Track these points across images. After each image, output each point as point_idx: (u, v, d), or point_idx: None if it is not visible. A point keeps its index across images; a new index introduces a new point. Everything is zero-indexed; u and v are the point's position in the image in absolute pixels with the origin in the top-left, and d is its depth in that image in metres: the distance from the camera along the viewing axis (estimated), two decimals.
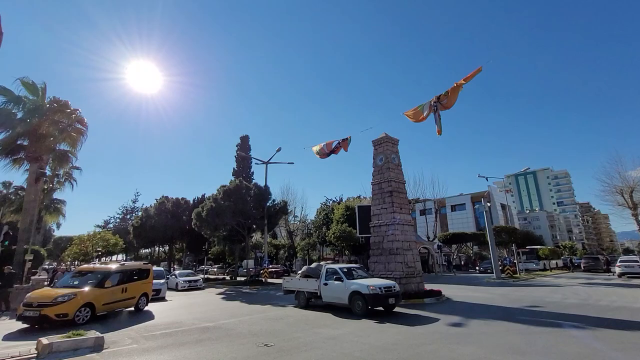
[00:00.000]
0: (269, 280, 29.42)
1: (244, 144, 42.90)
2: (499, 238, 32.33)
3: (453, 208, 61.29)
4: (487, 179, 34.93)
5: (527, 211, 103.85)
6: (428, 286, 17.06)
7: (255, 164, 37.26)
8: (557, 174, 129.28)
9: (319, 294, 12.78)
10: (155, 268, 24.43)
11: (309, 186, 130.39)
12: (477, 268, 40.22)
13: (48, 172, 30.03)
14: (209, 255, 52.06)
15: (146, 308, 13.97)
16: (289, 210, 44.47)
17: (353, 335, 8.37)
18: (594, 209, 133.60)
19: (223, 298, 18.27)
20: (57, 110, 19.92)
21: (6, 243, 16.12)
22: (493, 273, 27.31)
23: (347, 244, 35.34)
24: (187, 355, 6.93)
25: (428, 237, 42.28)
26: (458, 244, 46.31)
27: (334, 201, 47.96)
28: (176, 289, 23.43)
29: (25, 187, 23.23)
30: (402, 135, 19.77)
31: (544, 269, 36.00)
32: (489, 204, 30.03)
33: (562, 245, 64.41)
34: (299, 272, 14.99)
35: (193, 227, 31.07)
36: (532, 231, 62.34)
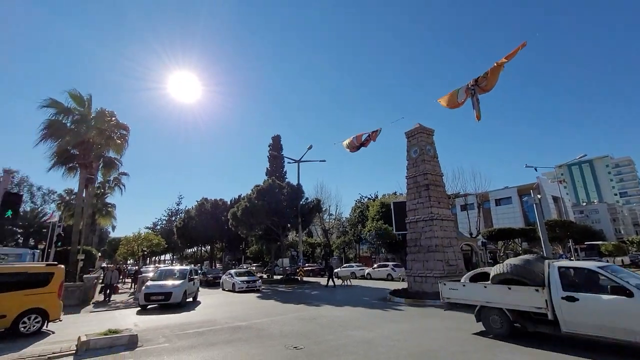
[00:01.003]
0: (305, 278, 29.35)
1: (276, 144, 43.35)
2: (552, 233, 29.55)
3: (497, 202, 57.21)
4: (535, 169, 31.96)
5: (584, 203, 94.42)
6: None
7: (288, 162, 37.43)
8: (618, 162, 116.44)
9: (550, 317, 6.71)
10: (177, 267, 21.92)
11: (343, 184, 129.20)
12: None
13: (100, 178, 32.47)
14: (247, 254, 53.53)
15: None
16: (323, 209, 44.27)
17: (389, 340, 7.74)
18: None
19: (258, 297, 18.34)
20: (102, 119, 21.27)
21: (59, 244, 17.50)
22: None
23: (383, 241, 34.33)
24: (214, 356, 6.77)
25: (471, 234, 39.81)
26: (505, 240, 43.15)
27: (368, 198, 46.94)
28: (233, 290, 21.36)
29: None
30: (437, 127, 18.57)
31: None
32: (539, 196, 27.46)
33: (628, 240, 57.60)
34: (486, 274, 8.61)
35: (230, 227, 31.91)
36: (591, 225, 56.41)
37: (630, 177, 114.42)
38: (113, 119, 21.24)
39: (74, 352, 7.17)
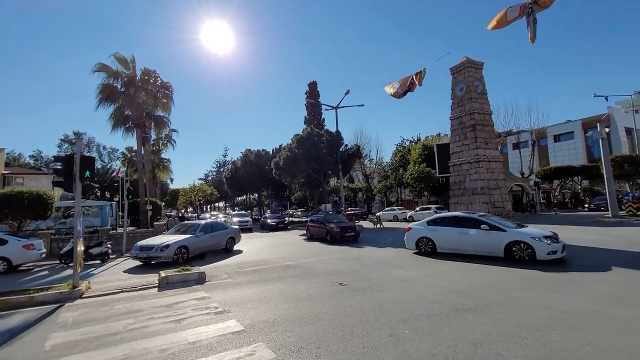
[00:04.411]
0: None
1: (312, 91, 42.42)
2: (619, 170, 26.65)
3: (556, 138, 51.83)
4: (606, 99, 27.82)
5: None
6: None
7: (325, 109, 36.93)
8: None
9: None
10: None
11: (383, 128, 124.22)
12: (586, 206, 34.81)
13: (153, 136, 35.07)
14: (292, 200, 56.47)
15: None
16: (364, 154, 44.05)
17: (429, 278, 8.16)
18: None
19: (305, 239, 19.76)
20: (147, 80, 22.26)
21: (130, 197, 19.94)
22: (608, 211, 23.24)
23: (426, 184, 33.88)
24: (270, 290, 7.75)
25: (522, 174, 37.57)
26: (561, 179, 40.17)
27: (410, 141, 45.46)
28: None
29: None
30: (487, 59, 16.65)
31: None
32: (607, 129, 24.51)
33: None
34: None
35: (274, 175, 33.45)
36: None
37: None
38: (157, 78, 22.09)
39: (157, 285, 8.65)
